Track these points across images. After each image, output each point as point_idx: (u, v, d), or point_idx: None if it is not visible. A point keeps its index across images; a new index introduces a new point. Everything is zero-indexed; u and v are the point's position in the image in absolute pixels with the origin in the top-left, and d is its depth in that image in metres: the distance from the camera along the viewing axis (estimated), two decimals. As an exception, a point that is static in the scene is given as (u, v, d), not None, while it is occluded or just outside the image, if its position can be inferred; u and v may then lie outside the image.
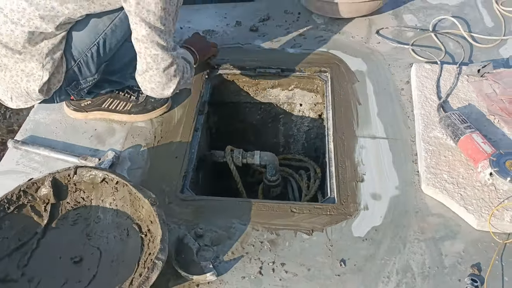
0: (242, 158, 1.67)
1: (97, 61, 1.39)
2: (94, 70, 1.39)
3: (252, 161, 1.67)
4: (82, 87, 1.43)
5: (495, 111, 1.50)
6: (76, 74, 1.39)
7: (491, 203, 1.26)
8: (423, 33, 1.90)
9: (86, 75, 1.40)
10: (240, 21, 2.01)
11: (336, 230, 1.27)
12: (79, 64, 1.37)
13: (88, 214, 1.27)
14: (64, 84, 1.38)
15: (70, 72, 1.37)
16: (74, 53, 1.35)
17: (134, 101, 1.56)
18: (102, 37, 1.36)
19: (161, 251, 1.07)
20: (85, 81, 1.42)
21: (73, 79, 1.39)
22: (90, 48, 1.36)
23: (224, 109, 1.94)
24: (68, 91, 1.42)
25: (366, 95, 1.66)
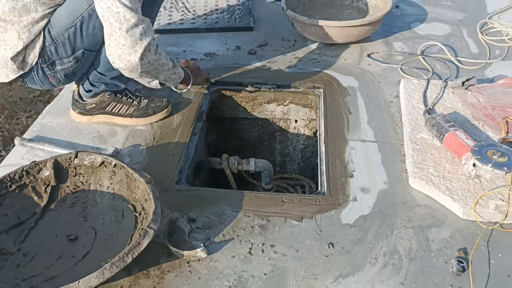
0: (237, 165, 1.72)
1: (74, 43, 1.44)
2: (70, 52, 1.45)
3: (247, 168, 1.72)
4: (58, 69, 1.48)
5: (480, 117, 1.57)
6: (53, 54, 1.45)
7: (476, 194, 1.30)
8: (412, 57, 2.02)
9: (62, 56, 1.45)
10: (240, 46, 2.14)
11: (325, 217, 1.30)
12: (56, 43, 1.43)
13: (86, 198, 1.31)
14: (41, 61, 1.45)
15: (47, 50, 1.44)
16: (53, 32, 1.42)
17: (136, 106, 1.65)
18: (79, 20, 1.40)
19: (153, 221, 1.11)
20: (61, 63, 1.47)
21: (49, 58, 1.45)
22: (68, 29, 1.41)
23: (222, 126, 2.02)
24: (44, 69, 1.47)
25: (357, 106, 1.74)
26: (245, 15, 2.35)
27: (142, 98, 1.66)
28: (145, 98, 1.66)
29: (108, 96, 1.63)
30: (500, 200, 1.28)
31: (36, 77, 1.50)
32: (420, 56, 2.01)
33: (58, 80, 1.54)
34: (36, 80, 1.51)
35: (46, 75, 1.51)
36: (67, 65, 1.49)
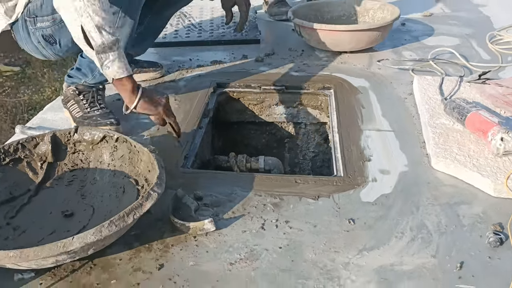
0: (246, 162, 1.63)
1: None
2: (50, 10, 1.37)
3: (256, 166, 1.63)
4: (37, 26, 1.42)
5: (501, 105, 1.50)
6: (37, 8, 1.40)
7: (506, 170, 1.20)
8: (423, 62, 1.98)
9: (43, 14, 1.39)
10: (247, 55, 2.11)
11: (344, 196, 1.20)
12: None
13: (84, 176, 1.22)
14: (26, 13, 1.40)
15: (33, 3, 1.39)
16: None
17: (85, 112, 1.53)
18: None
19: (157, 185, 1.01)
20: (41, 20, 1.41)
21: (34, 11, 1.40)
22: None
23: (229, 132, 1.95)
24: (27, 22, 1.42)
25: (369, 102, 1.68)
26: (252, 29, 2.35)
27: (97, 109, 1.54)
28: (99, 110, 1.53)
29: (72, 92, 1.56)
30: (534, 175, 1.18)
31: (21, 31, 1.44)
32: (431, 60, 1.98)
33: (36, 40, 1.46)
34: (21, 34, 1.45)
35: (28, 30, 1.44)
36: (45, 24, 1.42)
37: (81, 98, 1.56)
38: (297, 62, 2.03)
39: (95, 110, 1.54)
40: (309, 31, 2.04)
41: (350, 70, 1.93)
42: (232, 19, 1.90)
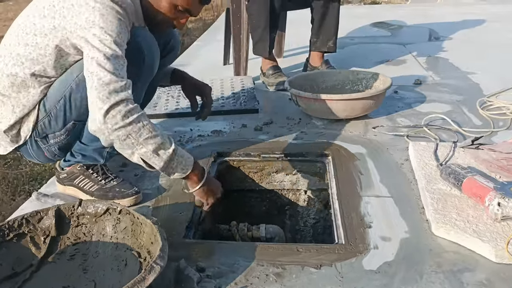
0: (247, 231, 1.63)
1: (64, 115, 1.43)
2: (61, 125, 1.44)
3: (257, 234, 1.63)
4: (52, 142, 1.47)
5: (495, 170, 1.53)
6: (46, 127, 1.44)
7: (505, 235, 1.21)
8: (417, 128, 2.04)
9: (55, 130, 1.45)
10: (246, 124, 2.18)
11: (346, 265, 1.20)
12: (49, 116, 1.43)
13: (87, 250, 1.22)
14: (35, 134, 1.45)
15: (41, 124, 1.44)
16: (47, 105, 1.42)
17: (101, 185, 1.55)
18: (68, 91, 1.40)
19: (160, 257, 1.01)
20: (54, 136, 1.47)
21: (43, 131, 1.45)
22: (59, 101, 1.41)
23: (230, 200, 1.96)
24: (38, 143, 1.47)
25: (367, 168, 1.71)
26: (250, 99, 2.44)
27: (112, 180, 1.57)
28: (115, 180, 1.56)
29: (79, 168, 1.57)
30: (534, 240, 1.19)
31: (30, 150, 1.50)
32: (424, 127, 2.04)
33: (53, 154, 1.53)
34: (31, 153, 1.51)
35: (41, 148, 1.50)
36: (60, 138, 1.49)
37: (91, 172, 1.57)
38: (295, 130, 2.09)
39: (110, 181, 1.56)
40: (306, 101, 2.12)
41: (346, 137, 1.99)
42: (197, 107, 1.86)
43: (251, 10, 2.59)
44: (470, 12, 5.04)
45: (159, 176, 1.71)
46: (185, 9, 1.44)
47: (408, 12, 5.26)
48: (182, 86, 1.89)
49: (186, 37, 6.65)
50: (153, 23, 1.49)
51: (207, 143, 2.00)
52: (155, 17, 1.46)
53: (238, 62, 2.90)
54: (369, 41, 3.95)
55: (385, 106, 2.29)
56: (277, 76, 2.68)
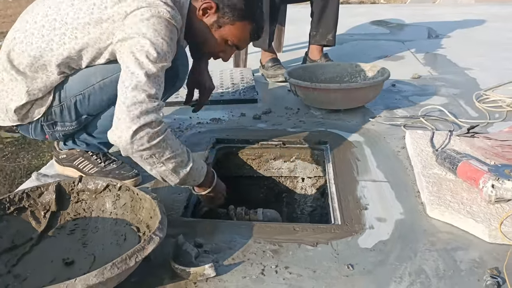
0: (245, 215, 1.65)
1: (79, 110, 1.43)
2: (74, 117, 1.44)
3: (255, 218, 1.64)
4: (58, 129, 1.47)
5: (491, 156, 1.56)
6: (57, 115, 1.43)
7: (499, 216, 1.23)
8: (414, 119, 2.07)
9: (65, 120, 1.44)
10: (245, 113, 2.20)
11: (342, 243, 1.22)
12: (62, 106, 1.42)
13: (86, 225, 1.24)
14: (43, 118, 1.43)
15: (52, 110, 1.43)
16: (62, 94, 1.41)
17: (101, 167, 1.56)
18: (89, 90, 1.40)
19: (159, 229, 1.03)
20: (63, 125, 1.46)
21: (52, 118, 1.44)
22: (76, 96, 1.40)
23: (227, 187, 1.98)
24: (44, 127, 1.46)
25: (364, 155, 1.73)
26: (249, 90, 2.46)
27: (112, 162, 1.58)
28: (114, 163, 1.58)
29: (79, 150, 1.58)
30: (526, 221, 1.21)
31: (31, 130, 1.48)
32: (421, 117, 2.06)
33: (54, 138, 1.53)
34: (30, 132, 1.49)
35: (44, 132, 1.49)
36: (69, 128, 1.49)
37: (90, 154, 1.58)
38: (293, 119, 2.11)
39: (110, 163, 1.57)
40: (305, 90, 2.14)
41: (344, 126, 2.01)
42: (191, 100, 1.79)
43: (252, 2, 2.61)
44: (469, 12, 5.07)
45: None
46: (234, 44, 1.45)
47: (407, 12, 5.29)
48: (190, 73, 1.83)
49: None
50: (199, 48, 1.50)
51: (206, 130, 2.02)
52: (203, 44, 1.45)
53: (238, 54, 2.92)
54: (368, 38, 3.97)
55: (383, 98, 2.32)
56: (276, 69, 2.70)
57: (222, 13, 1.38)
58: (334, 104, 2.12)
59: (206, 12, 1.39)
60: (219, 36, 1.42)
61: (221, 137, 1.93)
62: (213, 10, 1.38)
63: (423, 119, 2.04)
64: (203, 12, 1.39)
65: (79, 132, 1.54)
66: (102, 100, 1.43)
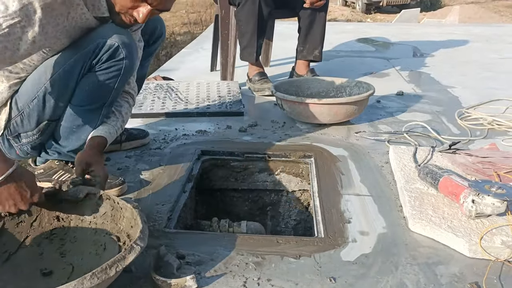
0: (228, 227, 1.64)
1: (37, 115, 1.40)
2: (34, 124, 1.40)
3: (238, 230, 1.64)
4: (24, 142, 1.45)
5: (471, 173, 1.58)
6: (18, 126, 1.41)
7: (479, 232, 1.25)
8: (397, 134, 2.09)
9: (27, 129, 1.42)
10: (231, 126, 2.20)
11: (325, 256, 1.22)
12: (22, 115, 1.39)
13: (64, 235, 1.22)
14: (7, 132, 1.41)
15: (13, 122, 1.40)
16: (19, 103, 1.38)
17: None
18: (42, 90, 1.36)
19: (140, 239, 1.02)
20: (26, 136, 1.44)
21: (15, 130, 1.41)
22: (32, 100, 1.37)
23: (212, 199, 1.97)
24: (10, 141, 1.44)
25: (348, 169, 1.74)
26: (236, 102, 2.47)
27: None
28: None
29: (58, 163, 1.54)
30: (505, 236, 1.22)
31: (2, 147, 1.45)
32: (405, 133, 2.08)
33: (25, 152, 1.49)
34: (3, 149, 1.45)
35: (13, 147, 1.46)
36: (32, 138, 1.45)
37: (71, 166, 1.54)
38: (279, 133, 2.12)
39: None
40: (291, 104, 2.16)
41: (329, 141, 2.02)
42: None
43: (240, 16, 2.64)
44: (453, 32, 5.18)
45: (141, 170, 1.71)
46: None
47: (392, 30, 5.38)
48: None
49: (174, 48, 6.69)
50: (113, 14, 1.34)
51: (192, 141, 2.01)
52: (113, 6, 1.31)
53: (225, 67, 2.93)
54: (355, 55, 4.02)
55: (367, 113, 2.34)
56: (263, 82, 2.72)
57: None
58: (320, 118, 2.14)
59: None
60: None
61: (207, 149, 1.93)
62: None
63: (406, 135, 2.06)
64: None
65: (48, 141, 1.51)
66: (57, 97, 1.37)
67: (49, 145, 1.52)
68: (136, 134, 1.95)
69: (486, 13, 13.36)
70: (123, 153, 1.86)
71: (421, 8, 13.06)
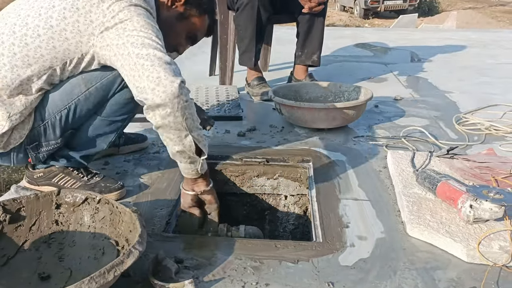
0: (227, 231, 1.64)
1: (64, 125, 1.40)
2: (59, 134, 1.40)
3: (237, 234, 1.63)
4: (43, 150, 1.42)
5: (469, 177, 1.58)
6: (41, 135, 1.38)
7: (477, 236, 1.25)
8: (395, 139, 2.10)
9: (50, 138, 1.40)
10: (229, 130, 2.21)
11: (323, 260, 1.22)
12: (46, 125, 1.37)
13: (63, 239, 1.22)
14: (26, 141, 1.37)
15: (35, 131, 1.37)
16: (44, 113, 1.36)
17: (84, 182, 1.52)
18: (75, 102, 1.37)
19: (139, 243, 1.02)
20: (47, 144, 1.41)
21: (36, 139, 1.39)
22: (61, 111, 1.37)
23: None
24: (28, 150, 1.40)
25: (347, 174, 1.75)
26: (234, 107, 2.47)
27: (95, 175, 1.55)
28: (98, 176, 1.55)
29: (58, 166, 1.53)
30: (503, 241, 1.23)
31: (13, 157, 1.41)
32: (403, 138, 2.09)
33: (38, 160, 1.47)
34: (12, 160, 1.41)
35: (27, 155, 1.43)
36: (54, 146, 1.43)
37: (71, 170, 1.53)
38: (277, 137, 2.12)
39: (93, 177, 1.54)
40: (289, 109, 2.16)
41: (327, 145, 2.03)
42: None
43: (239, 21, 2.65)
44: (451, 37, 5.21)
45: (140, 174, 1.71)
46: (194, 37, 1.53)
47: (390, 36, 5.40)
48: None
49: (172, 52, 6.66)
50: None
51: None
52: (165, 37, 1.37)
53: (224, 72, 2.94)
54: (353, 59, 4.04)
55: (365, 118, 2.35)
56: (262, 87, 2.72)
57: (189, 5, 1.46)
58: (318, 123, 2.15)
59: (174, 3, 1.45)
60: (184, 28, 1.47)
61: (205, 153, 1.93)
62: (181, 2, 1.45)
63: (404, 139, 2.07)
64: (171, 3, 1.45)
65: (62, 148, 1.50)
66: (89, 109, 1.41)
67: (59, 151, 1.50)
68: (134, 138, 1.95)
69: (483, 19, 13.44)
70: (122, 157, 1.86)
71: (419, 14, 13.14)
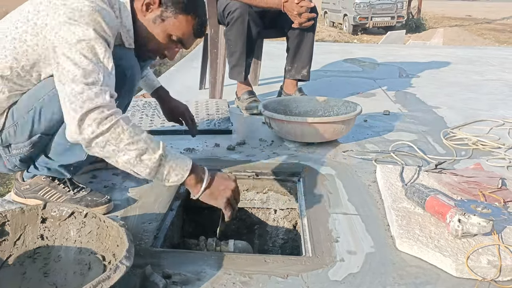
0: (215, 246, 1.62)
1: (31, 127, 1.38)
2: (26, 136, 1.38)
3: (226, 249, 1.62)
4: (13, 153, 1.42)
5: (457, 192, 1.59)
6: (11, 136, 1.38)
7: (465, 251, 1.25)
8: (384, 154, 2.11)
9: (19, 140, 1.39)
10: (219, 144, 2.20)
11: (312, 275, 1.21)
12: (16, 125, 1.37)
13: (48, 254, 1.19)
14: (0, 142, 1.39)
15: (6, 132, 1.38)
16: (15, 113, 1.36)
17: (70, 196, 1.51)
18: (40, 102, 1.35)
19: (126, 258, 1.00)
20: (16, 147, 1.41)
21: (7, 140, 1.39)
22: (28, 111, 1.36)
23: (200, 217, 1.96)
24: (1, 151, 1.41)
25: (336, 188, 1.75)
26: (224, 121, 2.47)
27: (81, 190, 1.54)
28: (84, 190, 1.54)
29: (44, 179, 1.52)
30: (491, 255, 1.23)
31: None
32: (391, 152, 2.10)
33: (13, 164, 1.46)
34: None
35: (1, 157, 1.44)
36: (22, 150, 1.42)
37: (57, 183, 1.52)
38: (267, 151, 2.12)
39: (80, 191, 1.52)
40: (279, 123, 2.17)
41: (317, 159, 2.03)
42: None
43: (229, 36, 2.66)
44: (438, 54, 5.29)
45: (128, 187, 1.70)
46: (179, 39, 1.43)
47: (379, 51, 5.47)
48: (162, 108, 1.97)
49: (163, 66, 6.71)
50: (143, 48, 1.46)
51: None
52: (147, 42, 1.43)
53: (214, 86, 2.94)
54: (342, 74, 4.08)
55: (354, 133, 2.36)
56: (252, 101, 2.73)
57: (165, 6, 1.38)
58: (308, 137, 2.15)
59: (149, 8, 1.39)
60: (162, 30, 1.40)
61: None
62: (156, 5, 1.38)
63: (393, 154, 2.08)
64: (146, 8, 1.39)
65: (39, 155, 1.48)
66: (53, 112, 1.36)
67: (40, 159, 1.49)
68: None
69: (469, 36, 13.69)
70: (110, 170, 1.83)
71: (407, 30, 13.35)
